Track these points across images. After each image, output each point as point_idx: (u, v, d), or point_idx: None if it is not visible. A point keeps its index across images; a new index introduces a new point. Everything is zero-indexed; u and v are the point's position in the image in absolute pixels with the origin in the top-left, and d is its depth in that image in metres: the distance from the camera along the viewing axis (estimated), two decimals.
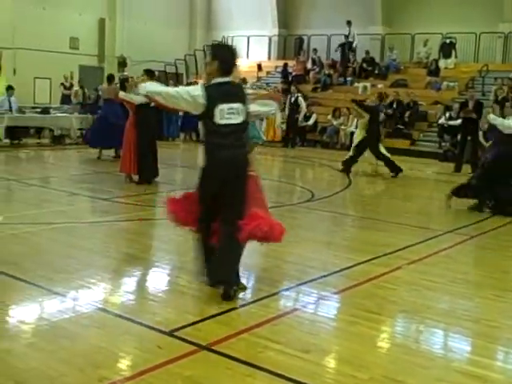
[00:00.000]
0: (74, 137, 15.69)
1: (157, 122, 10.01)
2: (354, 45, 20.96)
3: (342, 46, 21.04)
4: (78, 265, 5.26)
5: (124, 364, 3.53)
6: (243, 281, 5.30)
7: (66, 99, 17.29)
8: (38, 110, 15.25)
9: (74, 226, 6.82)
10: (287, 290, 4.91)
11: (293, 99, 17.93)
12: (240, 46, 24.22)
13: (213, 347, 3.67)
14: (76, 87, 17.46)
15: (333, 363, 3.69)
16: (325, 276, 5.29)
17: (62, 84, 17.76)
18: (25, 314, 4.17)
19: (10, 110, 14.24)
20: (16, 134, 14.42)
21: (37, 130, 15.40)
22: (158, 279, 5.31)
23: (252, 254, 6.25)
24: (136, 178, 9.79)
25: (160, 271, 5.50)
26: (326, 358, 3.72)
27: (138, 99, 9.47)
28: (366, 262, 5.79)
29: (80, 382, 3.19)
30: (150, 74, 9.65)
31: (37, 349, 3.54)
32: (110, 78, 13.24)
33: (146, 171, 9.76)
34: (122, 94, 9.79)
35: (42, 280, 4.77)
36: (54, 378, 3.20)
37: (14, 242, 6.06)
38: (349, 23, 20.69)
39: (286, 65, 21.59)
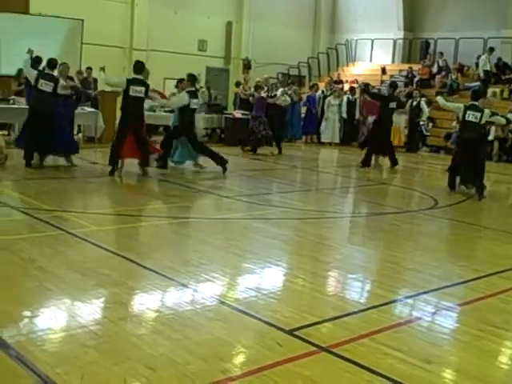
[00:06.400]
0: (199, 136, 16.23)
1: None
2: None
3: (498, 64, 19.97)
4: (203, 259, 5.45)
5: (245, 358, 3.62)
6: (363, 286, 5.30)
7: None
8: (167, 109, 15.88)
9: (198, 222, 7.09)
10: (409, 297, 4.80)
11: (415, 103, 17.50)
12: (364, 49, 24.04)
13: (332, 349, 3.67)
14: (203, 88, 18.03)
15: (457, 377, 3.56)
16: (448, 286, 5.12)
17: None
18: (153, 301, 4.39)
19: None
20: (147, 131, 15.11)
21: (165, 128, 16.07)
22: (277, 277, 5.38)
23: (370, 259, 6.22)
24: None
25: (279, 270, 5.58)
26: (449, 370, 3.61)
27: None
28: (492, 274, 5.54)
29: (204, 372, 3.30)
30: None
31: (164, 336, 3.71)
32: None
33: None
34: None
35: (169, 271, 4.99)
36: (180, 365, 3.34)
37: (143, 233, 6.40)
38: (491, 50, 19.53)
39: (411, 68, 21.14)
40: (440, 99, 12.02)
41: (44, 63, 10.64)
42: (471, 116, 10.12)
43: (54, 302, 4.23)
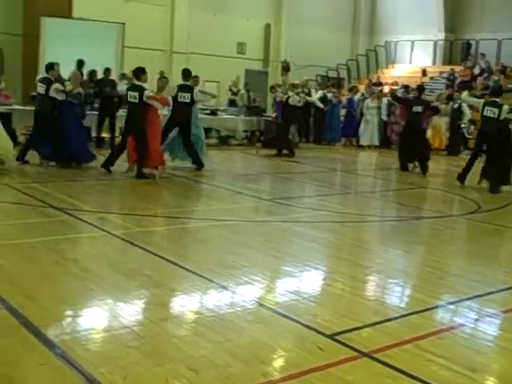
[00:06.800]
0: (239, 138, 16.33)
1: None
2: None
3: None
4: (243, 261, 5.47)
5: (286, 362, 3.61)
6: (404, 291, 5.23)
7: (232, 102, 18.00)
8: (207, 111, 15.98)
9: (238, 224, 7.11)
10: (452, 303, 4.72)
11: (455, 106, 17.23)
12: (403, 50, 23.79)
13: (374, 355, 3.63)
14: (242, 91, 18.11)
15: None
16: (492, 293, 5.02)
17: (231, 89, 18.46)
18: (194, 303, 4.42)
19: None
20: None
21: (205, 130, 16.13)
22: (317, 281, 5.36)
23: (411, 264, 6.14)
24: None
25: (319, 273, 5.55)
26: (494, 379, 3.54)
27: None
28: None
29: (245, 375, 3.30)
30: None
31: (206, 338, 3.72)
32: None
33: None
34: None
35: (209, 273, 5.01)
36: (221, 368, 3.35)
37: (183, 235, 6.46)
38: None
39: (452, 70, 20.85)
40: (464, 94, 12.12)
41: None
42: (489, 111, 10.47)
43: (96, 302, 4.30)
